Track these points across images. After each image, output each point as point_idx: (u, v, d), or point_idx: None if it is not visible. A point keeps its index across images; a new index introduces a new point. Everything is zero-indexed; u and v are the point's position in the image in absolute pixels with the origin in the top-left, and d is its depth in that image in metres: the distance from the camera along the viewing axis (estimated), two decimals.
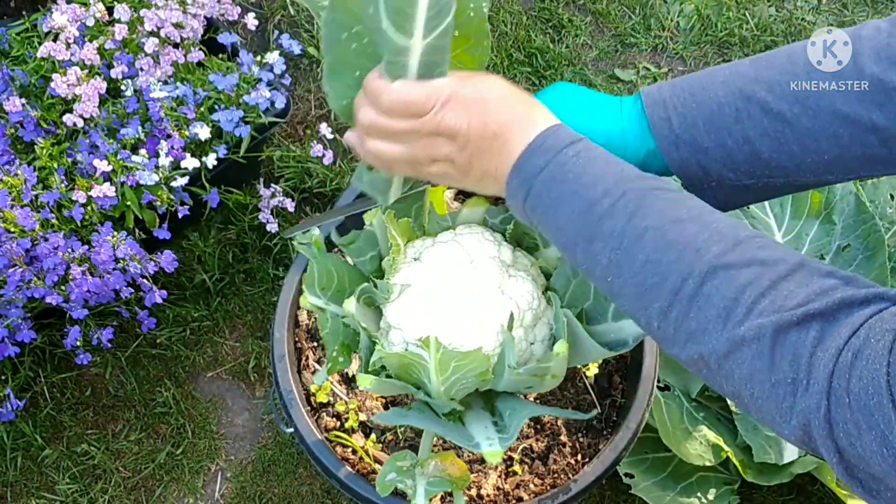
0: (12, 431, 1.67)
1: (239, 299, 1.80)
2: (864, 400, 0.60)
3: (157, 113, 1.50)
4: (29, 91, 1.55)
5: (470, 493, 1.28)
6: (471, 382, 0.97)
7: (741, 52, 2.11)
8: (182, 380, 1.75)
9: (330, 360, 1.01)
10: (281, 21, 2.07)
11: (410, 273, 0.99)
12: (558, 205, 0.81)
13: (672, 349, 0.74)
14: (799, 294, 0.67)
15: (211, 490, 1.68)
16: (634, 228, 0.76)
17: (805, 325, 0.65)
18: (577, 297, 0.97)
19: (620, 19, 2.13)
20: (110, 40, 1.54)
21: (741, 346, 0.68)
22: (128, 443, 1.69)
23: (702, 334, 0.70)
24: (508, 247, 1.03)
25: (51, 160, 1.48)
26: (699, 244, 0.74)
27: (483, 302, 0.96)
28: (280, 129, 1.92)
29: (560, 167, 0.81)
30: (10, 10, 1.82)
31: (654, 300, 0.74)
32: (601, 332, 0.95)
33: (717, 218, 0.76)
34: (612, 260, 0.77)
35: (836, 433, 0.63)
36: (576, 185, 0.80)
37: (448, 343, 0.95)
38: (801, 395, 0.64)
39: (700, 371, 0.73)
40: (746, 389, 0.68)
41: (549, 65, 2.06)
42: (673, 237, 0.75)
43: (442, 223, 1.06)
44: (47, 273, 1.42)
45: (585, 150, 0.82)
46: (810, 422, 0.64)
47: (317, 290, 0.99)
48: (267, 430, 1.72)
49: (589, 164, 0.81)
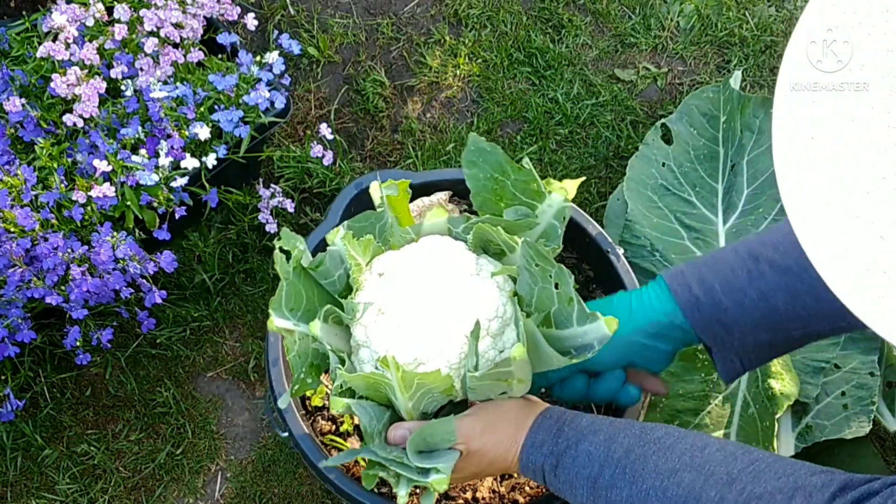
0: (12, 431, 1.67)
1: (239, 299, 1.80)
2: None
3: (156, 113, 1.50)
4: (29, 91, 1.55)
5: (465, 496, 1.28)
6: (438, 397, 0.97)
7: (741, 52, 2.11)
8: (182, 380, 1.75)
9: (297, 382, 0.99)
10: (281, 21, 2.07)
11: (375, 289, 0.98)
12: (569, 489, 0.93)
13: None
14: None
15: (211, 490, 1.68)
16: (639, 492, 0.85)
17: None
18: (542, 302, 0.96)
19: (620, 19, 2.13)
20: (110, 40, 1.54)
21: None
22: (128, 443, 1.69)
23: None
24: (472, 255, 1.02)
25: (51, 160, 1.48)
26: (697, 492, 0.80)
27: (448, 313, 0.95)
28: (280, 129, 1.92)
29: (558, 460, 0.94)
30: (10, 10, 1.82)
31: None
32: (568, 337, 0.95)
33: (707, 457, 0.83)
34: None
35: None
36: (576, 468, 0.92)
37: (414, 358, 0.94)
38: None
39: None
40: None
41: (549, 65, 2.06)
42: (673, 493, 0.82)
43: (405, 236, 1.05)
44: (47, 273, 1.42)
45: (570, 430, 0.95)
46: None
47: (285, 311, 0.97)
48: (267, 431, 1.72)
49: (581, 440, 0.93)
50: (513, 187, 1.01)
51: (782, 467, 0.78)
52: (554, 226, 1.01)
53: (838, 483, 0.73)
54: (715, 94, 1.83)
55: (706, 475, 0.81)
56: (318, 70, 2.03)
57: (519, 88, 2.04)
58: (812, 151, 0.60)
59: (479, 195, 1.03)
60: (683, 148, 1.80)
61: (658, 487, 0.83)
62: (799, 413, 1.60)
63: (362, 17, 2.10)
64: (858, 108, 0.59)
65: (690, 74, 2.10)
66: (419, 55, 2.06)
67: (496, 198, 1.02)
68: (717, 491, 0.79)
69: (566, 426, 0.96)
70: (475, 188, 1.03)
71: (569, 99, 2.03)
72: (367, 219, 1.03)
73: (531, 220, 1.00)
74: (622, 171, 1.84)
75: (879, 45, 0.59)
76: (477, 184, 1.02)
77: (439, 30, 2.08)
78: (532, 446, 0.96)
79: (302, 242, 0.99)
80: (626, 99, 2.04)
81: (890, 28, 0.59)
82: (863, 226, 0.57)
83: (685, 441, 0.87)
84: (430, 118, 2.01)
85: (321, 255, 1.01)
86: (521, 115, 2.02)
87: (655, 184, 1.76)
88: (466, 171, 1.02)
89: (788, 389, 1.52)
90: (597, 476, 0.89)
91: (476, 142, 1.01)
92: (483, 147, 1.01)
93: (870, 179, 0.57)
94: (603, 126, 2.01)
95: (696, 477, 0.82)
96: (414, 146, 1.96)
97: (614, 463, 0.88)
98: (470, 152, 1.01)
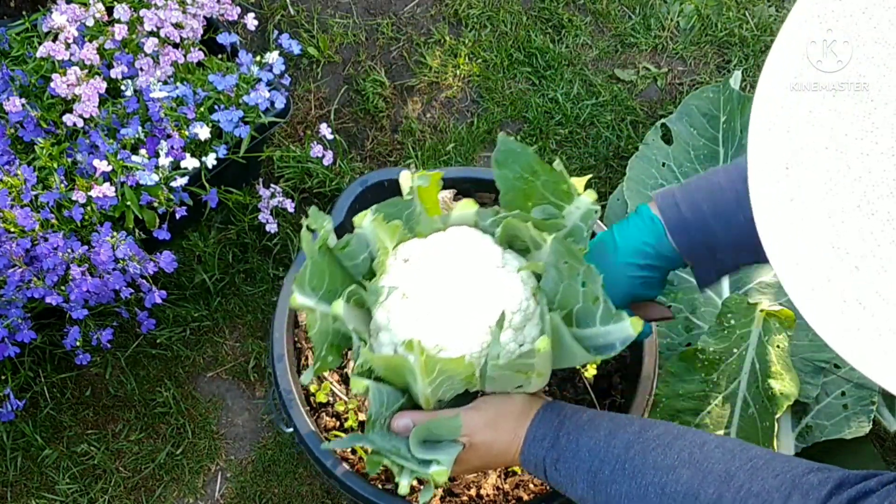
0: (12, 431, 1.67)
1: (239, 299, 1.80)
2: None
3: (156, 113, 1.50)
4: (29, 91, 1.55)
5: (469, 493, 1.28)
6: (458, 384, 0.97)
7: (741, 52, 2.11)
8: (182, 380, 1.75)
9: (318, 360, 1.01)
10: (281, 21, 2.07)
11: (399, 275, 0.99)
12: (570, 483, 0.94)
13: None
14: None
15: (211, 490, 1.68)
16: (638, 488, 0.86)
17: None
18: (566, 300, 0.97)
19: (620, 19, 2.13)
20: (110, 40, 1.54)
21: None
22: (128, 443, 1.69)
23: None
24: (499, 248, 1.02)
25: (51, 160, 1.48)
26: (696, 489, 0.81)
27: (471, 303, 0.96)
28: (280, 129, 1.92)
29: (559, 454, 0.95)
30: (10, 10, 1.82)
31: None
32: (590, 336, 0.95)
33: (706, 454, 0.85)
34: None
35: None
36: (577, 462, 0.93)
37: (435, 345, 0.95)
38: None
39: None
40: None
41: (549, 65, 2.06)
42: (671, 489, 0.83)
43: (433, 225, 1.06)
44: (47, 273, 1.42)
45: (571, 424, 0.96)
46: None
47: (307, 289, 0.98)
48: (267, 430, 1.72)
49: (582, 435, 0.95)
50: (542, 188, 1.01)
51: (780, 465, 0.79)
52: (580, 227, 1.02)
53: (834, 481, 0.73)
54: (715, 94, 1.83)
55: (704, 472, 0.82)
56: (318, 70, 2.03)
57: (519, 88, 2.04)
58: (785, 184, 0.61)
59: (507, 194, 1.03)
60: (683, 148, 1.80)
61: (657, 483, 0.84)
62: (799, 413, 1.60)
63: (362, 17, 2.10)
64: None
65: (690, 74, 2.10)
66: (419, 55, 2.06)
67: (524, 197, 1.03)
68: (716, 488, 0.79)
69: (567, 420, 0.97)
70: (504, 188, 1.03)
71: (569, 99, 2.03)
72: (396, 205, 1.03)
73: (558, 220, 1.01)
74: (622, 171, 1.84)
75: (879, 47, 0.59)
76: (506, 184, 1.03)
77: (439, 30, 2.08)
78: (534, 440, 0.97)
79: (329, 222, 0.99)
80: (626, 99, 2.04)
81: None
82: (839, 256, 0.57)
83: (684, 438, 0.88)
84: (430, 118, 2.01)
85: (348, 235, 1.02)
86: (521, 115, 2.02)
87: (655, 184, 1.76)
88: (496, 171, 1.02)
89: (788, 389, 1.52)
90: (597, 471, 0.90)
91: (506, 142, 1.01)
92: (513, 148, 1.01)
93: (847, 206, 0.58)
94: (603, 126, 2.01)
95: (694, 473, 0.82)
96: (414, 146, 1.96)
97: (614, 458, 0.89)
98: (500, 153, 1.01)
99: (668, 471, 0.84)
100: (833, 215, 0.58)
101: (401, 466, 0.98)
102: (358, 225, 1.02)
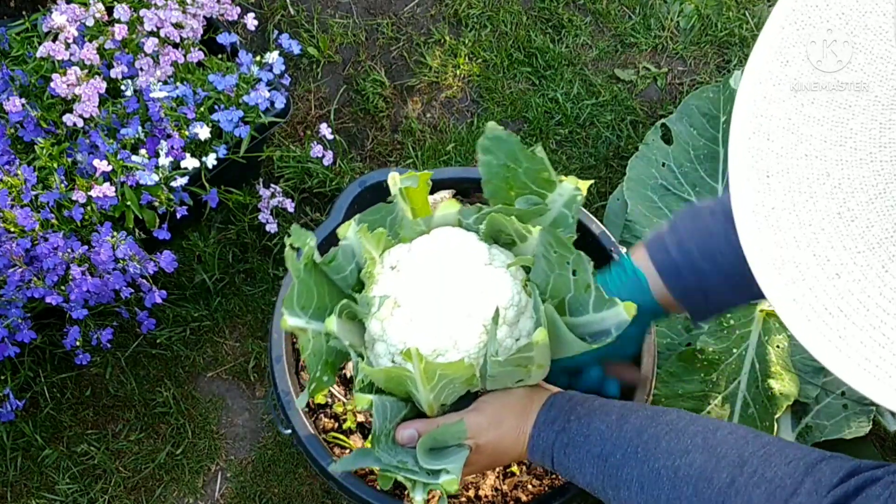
0: (12, 431, 1.67)
1: (239, 299, 1.81)
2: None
3: (157, 113, 1.50)
4: (29, 91, 1.55)
5: (468, 494, 1.28)
6: (459, 387, 0.97)
7: (741, 52, 2.11)
8: (182, 380, 1.75)
9: (313, 381, 0.98)
10: (281, 21, 2.07)
11: (389, 283, 0.98)
12: (578, 468, 0.93)
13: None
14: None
15: (211, 490, 1.68)
16: (650, 472, 0.85)
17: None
18: (558, 289, 0.97)
19: (620, 19, 2.13)
20: (110, 40, 1.54)
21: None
22: (128, 443, 1.69)
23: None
24: (484, 245, 1.02)
25: (51, 160, 1.48)
26: (709, 474, 0.81)
27: (464, 303, 0.96)
28: (280, 129, 1.92)
29: (569, 438, 0.94)
30: (10, 10, 1.82)
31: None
32: (584, 324, 0.95)
33: (719, 440, 0.84)
34: (639, 501, 0.86)
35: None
36: (588, 445, 0.92)
37: (433, 350, 0.94)
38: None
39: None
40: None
41: (549, 65, 2.06)
42: (684, 473, 0.83)
43: (416, 228, 1.05)
44: (47, 273, 1.42)
45: (582, 409, 0.95)
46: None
47: (297, 309, 0.96)
48: (267, 430, 1.72)
49: (593, 419, 0.93)
50: (524, 176, 1.00)
51: (793, 452, 0.79)
52: (565, 214, 1.01)
53: (846, 469, 0.73)
54: (715, 94, 1.83)
55: (718, 457, 0.81)
56: (318, 70, 2.03)
57: (519, 88, 2.04)
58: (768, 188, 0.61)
59: (490, 182, 1.02)
60: (683, 148, 1.80)
61: (670, 467, 0.83)
62: (799, 413, 1.60)
63: (362, 17, 2.10)
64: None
65: (690, 74, 2.10)
66: (419, 55, 2.06)
67: (507, 186, 1.02)
68: (729, 473, 0.79)
69: (578, 406, 0.96)
70: (486, 175, 1.02)
71: (569, 99, 2.03)
72: (378, 212, 1.03)
73: (542, 206, 1.00)
74: (622, 171, 1.84)
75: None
76: (489, 171, 1.02)
77: (439, 30, 2.08)
78: (544, 423, 0.96)
79: (312, 239, 0.98)
80: (626, 99, 2.04)
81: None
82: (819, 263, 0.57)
83: (697, 424, 0.87)
84: (430, 118, 2.01)
85: (334, 249, 1.01)
86: (521, 115, 2.02)
87: (655, 184, 1.76)
88: (481, 156, 1.01)
89: (788, 389, 1.52)
90: (608, 455, 0.89)
91: (493, 129, 1.00)
92: (499, 135, 1.00)
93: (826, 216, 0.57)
94: (603, 126, 2.01)
95: (707, 458, 0.82)
96: (414, 146, 1.96)
97: (626, 442, 0.89)
98: (486, 139, 1.00)
99: (681, 455, 0.84)
100: (813, 223, 0.58)
101: (413, 481, 0.96)
102: (342, 236, 1.00)
